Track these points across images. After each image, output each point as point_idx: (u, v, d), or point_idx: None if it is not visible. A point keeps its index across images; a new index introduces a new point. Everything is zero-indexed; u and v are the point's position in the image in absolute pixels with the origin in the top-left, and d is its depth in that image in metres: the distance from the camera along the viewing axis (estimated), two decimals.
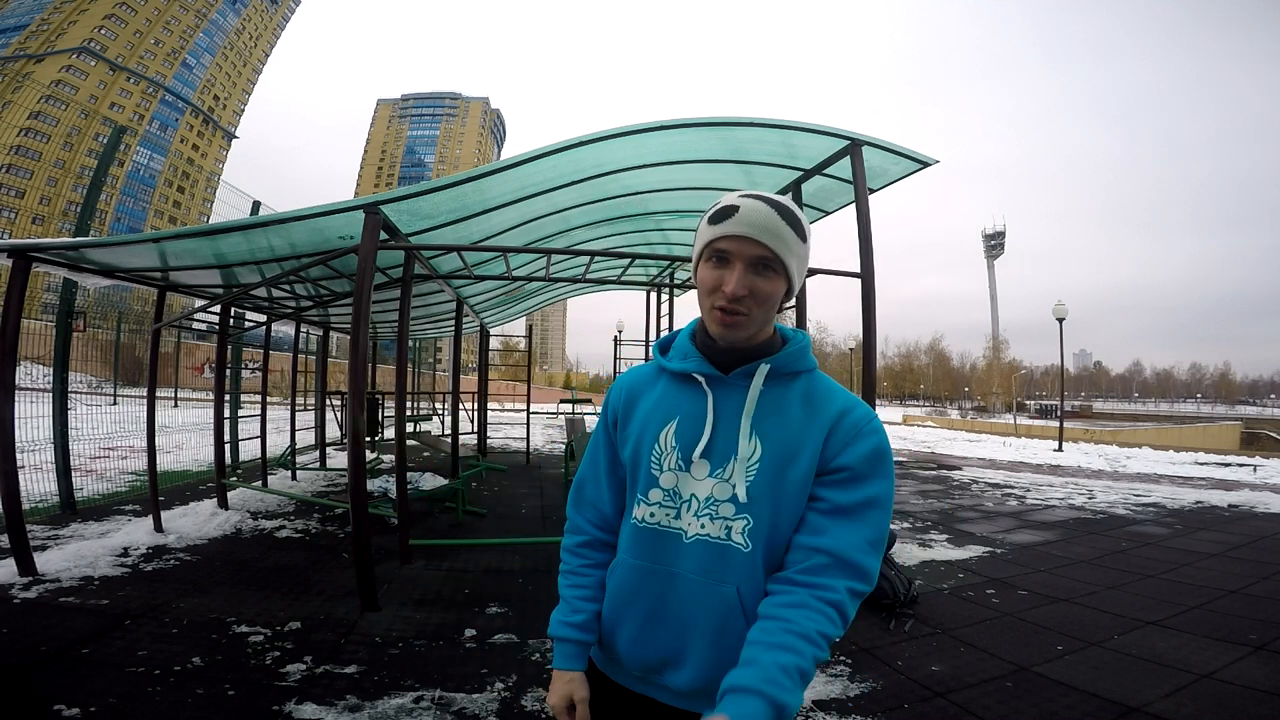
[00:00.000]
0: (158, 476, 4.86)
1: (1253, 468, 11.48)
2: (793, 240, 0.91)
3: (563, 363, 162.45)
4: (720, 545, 0.91)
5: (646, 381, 1.05)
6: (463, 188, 3.79)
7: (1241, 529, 5.92)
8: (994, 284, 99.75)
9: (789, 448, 0.91)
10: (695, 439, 0.95)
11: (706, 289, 0.93)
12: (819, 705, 2.45)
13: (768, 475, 0.91)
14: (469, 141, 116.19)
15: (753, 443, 0.92)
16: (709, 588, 0.91)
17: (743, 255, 0.90)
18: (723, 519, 0.92)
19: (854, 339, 51.56)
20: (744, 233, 0.89)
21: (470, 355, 42.87)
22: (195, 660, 2.62)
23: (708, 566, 0.91)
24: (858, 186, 4.44)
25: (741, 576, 0.91)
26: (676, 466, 0.95)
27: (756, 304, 0.91)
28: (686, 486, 0.95)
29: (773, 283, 0.92)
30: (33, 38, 60.07)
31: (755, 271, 0.91)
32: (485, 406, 10.14)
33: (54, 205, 40.36)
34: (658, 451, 0.97)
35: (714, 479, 0.93)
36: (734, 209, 0.91)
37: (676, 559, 0.94)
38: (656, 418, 0.99)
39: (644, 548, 0.97)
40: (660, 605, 0.94)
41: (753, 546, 0.91)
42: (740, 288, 0.89)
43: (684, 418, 0.97)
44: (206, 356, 24.34)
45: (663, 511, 0.96)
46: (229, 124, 78.50)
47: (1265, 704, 2.48)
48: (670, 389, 1.01)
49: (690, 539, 0.93)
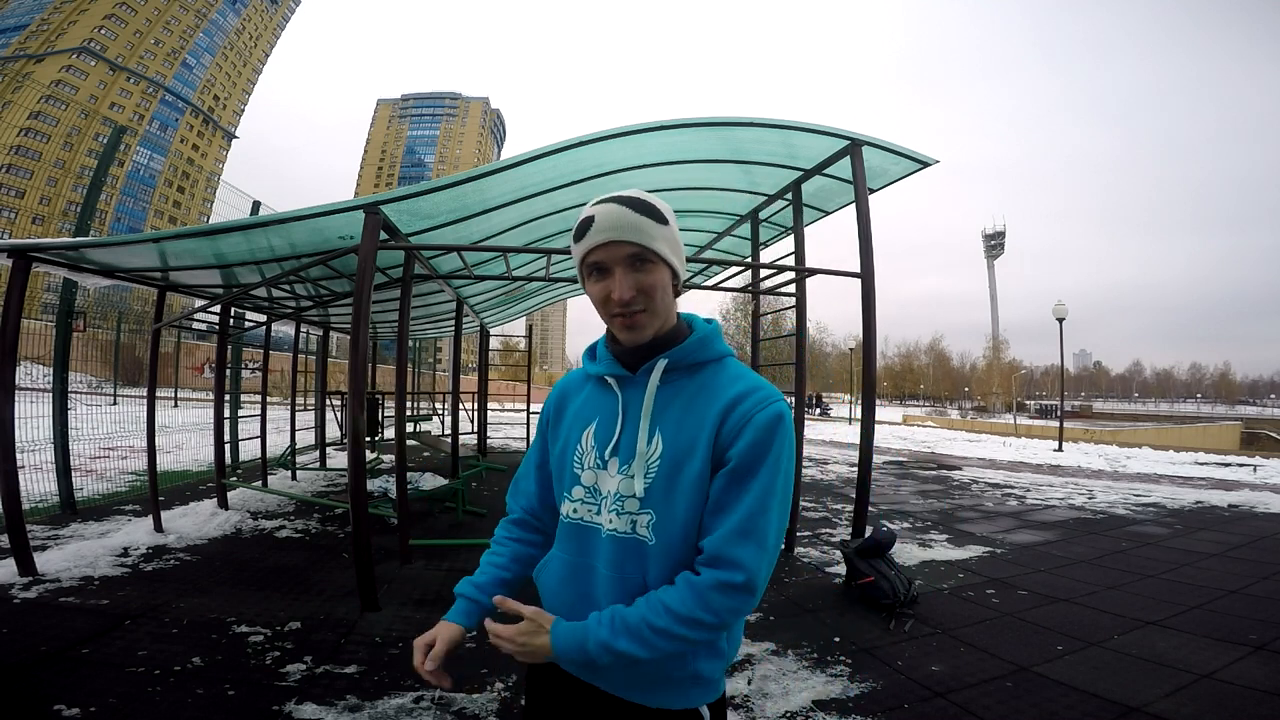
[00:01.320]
0: (158, 476, 4.87)
1: (1253, 468, 11.47)
2: (652, 227, 0.93)
3: (563, 363, 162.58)
4: (628, 539, 0.95)
5: (576, 386, 1.11)
6: (463, 188, 3.80)
7: (1241, 529, 5.92)
8: (994, 284, 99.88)
9: (684, 444, 0.93)
10: (609, 438, 0.99)
11: (599, 302, 0.97)
12: (819, 705, 2.45)
13: (666, 471, 0.94)
14: (469, 141, 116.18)
15: (655, 440, 0.95)
16: (619, 581, 0.95)
17: (616, 258, 0.93)
18: (629, 514, 0.95)
19: (854, 339, 51.51)
20: (608, 238, 0.92)
21: (470, 355, 42.88)
22: (195, 660, 2.62)
23: (619, 560, 0.95)
24: (858, 186, 4.44)
25: (649, 568, 0.94)
26: (595, 465, 1.00)
27: (648, 298, 0.94)
28: (604, 484, 0.99)
29: (653, 274, 0.94)
30: (33, 38, 60.07)
31: (634, 269, 0.93)
32: (485, 406, 10.14)
33: (54, 205, 40.39)
34: (579, 451, 1.03)
35: (621, 475, 0.97)
36: (591, 219, 0.94)
37: (596, 553, 0.98)
38: (580, 420, 1.05)
39: (570, 542, 1.02)
40: (583, 597, 0.98)
41: (656, 540, 0.94)
42: (626, 291, 0.93)
43: (602, 419, 1.02)
44: (206, 356, 24.35)
45: (585, 508, 1.01)
46: (229, 124, 78.49)
47: (1265, 704, 2.47)
48: (593, 392, 1.06)
49: (605, 534, 0.97)
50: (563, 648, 0.91)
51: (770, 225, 6.09)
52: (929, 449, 14.79)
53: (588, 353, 1.10)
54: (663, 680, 0.95)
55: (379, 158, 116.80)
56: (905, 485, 8.53)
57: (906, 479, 9.17)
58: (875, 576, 3.60)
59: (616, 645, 0.88)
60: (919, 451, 14.05)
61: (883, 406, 56.13)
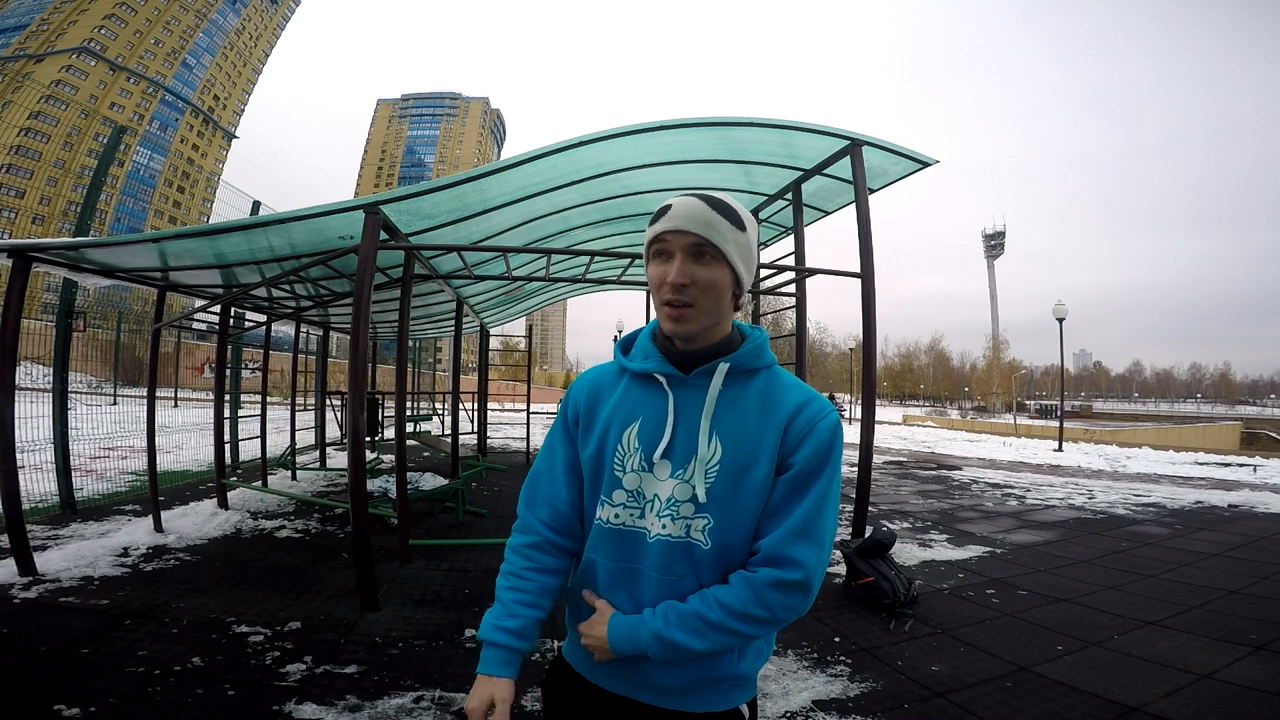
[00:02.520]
0: (158, 476, 4.87)
1: (1253, 468, 11.48)
2: (726, 228, 0.93)
3: (563, 363, 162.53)
4: (681, 544, 0.94)
5: (609, 381, 1.05)
6: (463, 188, 3.80)
7: (1241, 529, 5.92)
8: (994, 284, 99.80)
9: (748, 449, 0.93)
10: (657, 440, 0.96)
11: (654, 285, 0.97)
12: (819, 705, 2.45)
13: (727, 476, 0.93)
14: (469, 141, 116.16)
15: (713, 444, 0.94)
16: (670, 585, 0.94)
17: (679, 246, 0.93)
18: (684, 519, 0.94)
19: (854, 339, 51.54)
20: (678, 225, 0.93)
21: (470, 355, 42.86)
22: (195, 660, 2.62)
23: (668, 564, 0.94)
24: (858, 186, 4.44)
25: (703, 571, 0.94)
26: (640, 467, 0.97)
27: (701, 292, 0.93)
28: (650, 487, 0.96)
29: (712, 270, 0.93)
30: (33, 38, 60.04)
31: (694, 260, 0.93)
32: (485, 406, 10.14)
33: (54, 205, 40.37)
34: (620, 453, 0.98)
35: (675, 479, 0.95)
36: (669, 207, 0.95)
37: (641, 558, 0.97)
38: (619, 418, 1.00)
39: (611, 548, 0.99)
40: (632, 602, 0.97)
41: (711, 544, 0.94)
42: (681, 276, 0.92)
43: (646, 418, 0.98)
44: (206, 356, 24.34)
45: (627, 512, 0.98)
46: (229, 124, 78.47)
47: (1265, 704, 2.47)
48: (632, 389, 1.01)
49: (653, 538, 0.95)
50: (616, 637, 0.93)
51: (770, 225, 6.10)
52: (929, 449, 14.80)
53: (621, 346, 1.07)
54: (707, 683, 0.95)
55: (379, 158, 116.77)
56: (905, 485, 8.53)
57: (906, 479, 9.18)
58: (875, 576, 3.60)
59: (670, 635, 0.89)
60: (919, 451, 14.05)
61: (883, 406, 56.16)
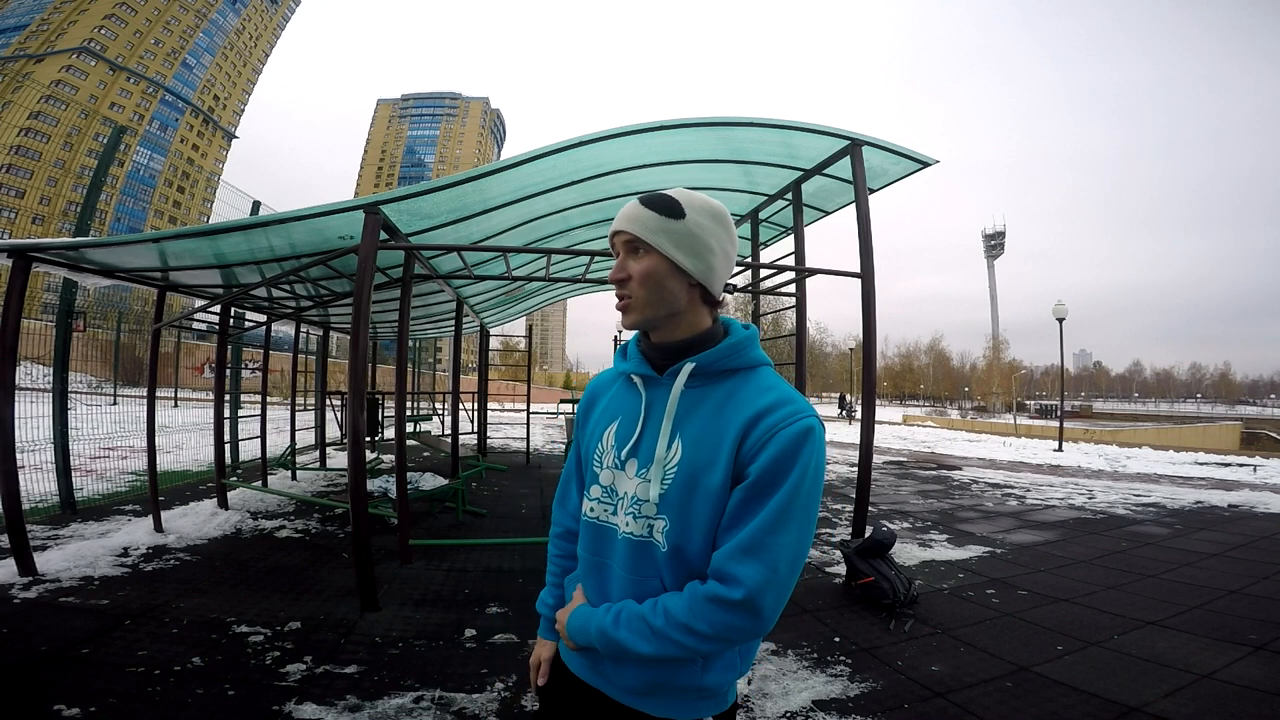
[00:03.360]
0: (158, 476, 4.87)
1: (1253, 468, 11.46)
2: (654, 220, 0.95)
3: (563, 363, 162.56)
4: (644, 542, 0.94)
5: (607, 384, 1.11)
6: (463, 188, 3.80)
7: (1241, 529, 5.92)
8: (994, 284, 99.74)
9: (706, 453, 0.90)
10: (628, 438, 0.99)
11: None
12: (819, 705, 2.45)
13: (683, 479, 0.91)
14: (469, 141, 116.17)
15: (674, 445, 0.93)
16: (636, 583, 0.95)
17: (619, 245, 0.99)
18: (645, 518, 0.94)
19: (854, 339, 51.51)
20: (615, 227, 0.99)
21: (470, 355, 42.87)
22: (195, 660, 2.62)
23: (635, 562, 0.95)
24: (858, 186, 4.44)
25: (663, 573, 0.93)
26: (614, 464, 1.00)
27: (637, 284, 0.96)
28: (621, 484, 0.99)
29: (643, 261, 0.96)
30: (33, 38, 60.04)
31: (631, 255, 0.98)
32: (485, 406, 10.14)
33: (54, 205, 40.39)
34: (600, 450, 1.03)
35: (639, 478, 0.96)
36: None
37: (611, 553, 0.99)
38: (605, 418, 1.05)
39: (589, 540, 1.03)
40: (602, 595, 0.99)
41: (668, 546, 0.92)
42: (616, 271, 0.98)
43: (624, 418, 1.02)
44: (206, 356, 24.33)
45: (602, 507, 1.01)
46: (229, 124, 78.47)
47: (1265, 704, 2.47)
48: (620, 390, 1.06)
49: (621, 536, 0.97)
50: (571, 626, 0.97)
51: (770, 225, 6.09)
52: (929, 449, 14.79)
53: (620, 350, 1.10)
54: (667, 689, 0.93)
55: (379, 158, 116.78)
56: (905, 485, 8.53)
57: (906, 479, 9.17)
58: (875, 576, 3.60)
59: (614, 634, 0.90)
60: (919, 451, 14.04)
61: (883, 406, 56.12)
